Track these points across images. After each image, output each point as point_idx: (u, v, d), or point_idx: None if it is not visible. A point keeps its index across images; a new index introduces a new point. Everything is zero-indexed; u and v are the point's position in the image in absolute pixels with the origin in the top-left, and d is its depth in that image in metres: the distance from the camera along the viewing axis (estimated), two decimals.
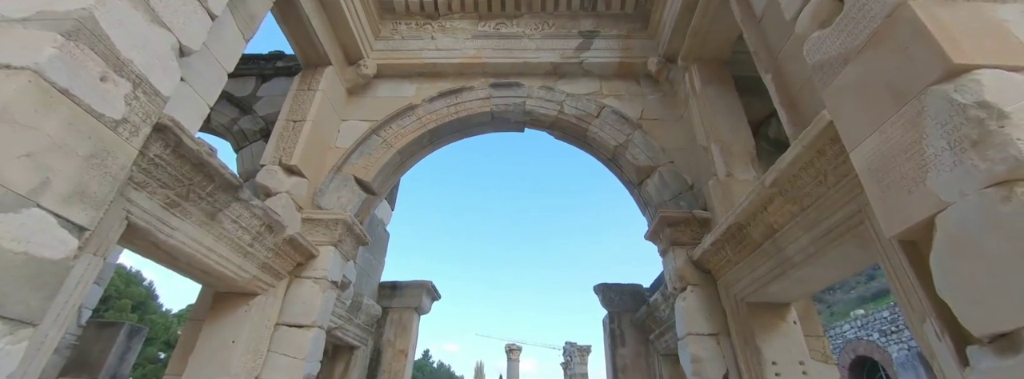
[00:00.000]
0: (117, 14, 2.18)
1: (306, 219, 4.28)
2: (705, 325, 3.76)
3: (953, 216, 1.60)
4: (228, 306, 3.66)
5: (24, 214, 1.77)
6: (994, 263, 1.46)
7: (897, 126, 1.83)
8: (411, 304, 6.56)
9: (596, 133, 5.01)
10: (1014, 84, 1.57)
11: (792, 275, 3.03)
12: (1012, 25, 1.76)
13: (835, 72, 2.19)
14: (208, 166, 2.80)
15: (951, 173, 1.60)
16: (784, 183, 2.73)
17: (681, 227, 4.20)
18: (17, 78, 1.78)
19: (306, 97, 4.75)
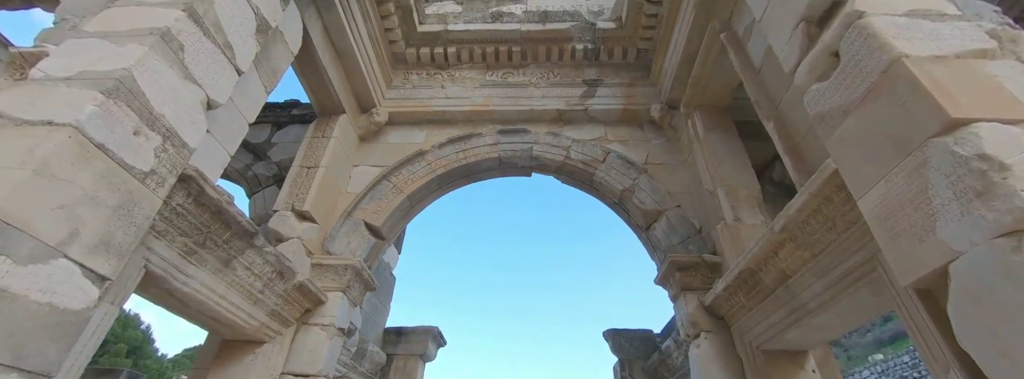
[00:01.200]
0: (154, 73, 2.32)
1: (316, 264, 4.29)
2: (721, 374, 3.65)
3: (966, 265, 1.62)
4: (235, 355, 3.60)
5: (52, 265, 1.81)
6: (1014, 313, 1.47)
7: (901, 176, 1.89)
8: (416, 351, 6.40)
9: (602, 178, 5.09)
10: (1012, 136, 1.64)
11: (808, 322, 2.98)
12: (1004, 80, 1.85)
13: (837, 123, 2.28)
14: (226, 214, 2.86)
15: (960, 223, 1.63)
16: (793, 229, 2.76)
17: (691, 272, 4.17)
18: (58, 134, 1.88)
19: (320, 144, 4.90)
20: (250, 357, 3.60)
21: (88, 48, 2.30)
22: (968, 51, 1.96)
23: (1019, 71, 1.91)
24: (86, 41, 2.36)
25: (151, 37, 2.35)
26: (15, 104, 2.03)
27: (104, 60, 2.22)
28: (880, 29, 2.06)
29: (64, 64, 2.21)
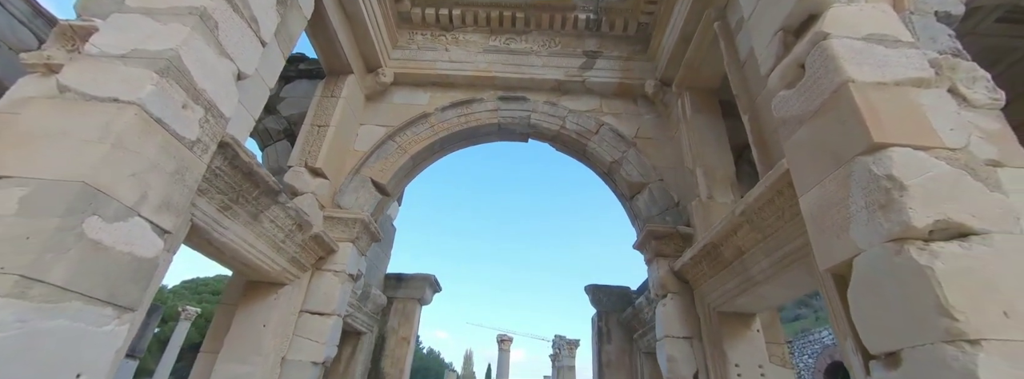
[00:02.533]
0: (196, 51, 2.59)
1: (328, 217, 4.72)
2: (681, 329, 4.25)
3: (864, 261, 2.06)
4: (259, 294, 4.12)
5: (130, 222, 2.21)
6: (887, 300, 1.93)
7: (833, 183, 2.28)
8: (414, 295, 7.04)
9: (594, 149, 5.45)
10: (918, 161, 2.02)
11: (755, 291, 3.50)
12: (927, 109, 2.20)
13: (794, 129, 2.63)
14: (256, 175, 3.23)
15: (865, 227, 2.05)
16: (751, 214, 3.19)
17: (665, 240, 4.66)
18: (126, 111, 2.20)
19: (329, 104, 5.16)
20: (273, 296, 4.12)
21: (134, 25, 2.55)
22: (907, 79, 2.28)
23: (944, 101, 2.25)
24: (131, 17, 2.59)
25: (191, 18, 2.59)
26: (80, 79, 2.32)
27: (152, 39, 2.48)
28: (838, 52, 2.36)
29: (115, 41, 2.47)
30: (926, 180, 1.96)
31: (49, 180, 1.97)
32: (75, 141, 2.08)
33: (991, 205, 1.92)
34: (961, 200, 1.92)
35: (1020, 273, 1.74)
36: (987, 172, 2.08)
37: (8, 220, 1.87)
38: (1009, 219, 1.90)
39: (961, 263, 1.76)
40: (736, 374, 3.75)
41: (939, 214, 1.87)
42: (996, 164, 2.18)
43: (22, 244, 1.82)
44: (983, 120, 2.35)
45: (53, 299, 1.87)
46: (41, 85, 2.50)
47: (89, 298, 2.02)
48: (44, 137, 2.09)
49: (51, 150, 2.05)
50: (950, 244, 1.82)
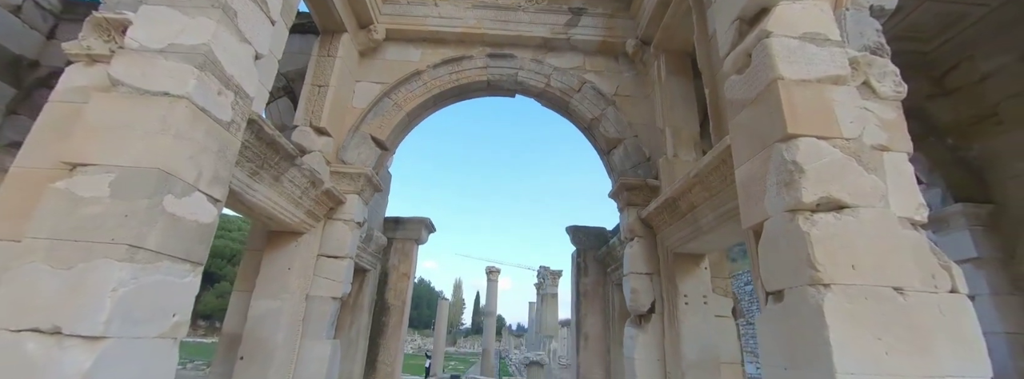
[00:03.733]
0: (224, 43, 2.94)
1: (334, 172, 5.23)
2: (644, 267, 5.04)
3: (770, 224, 2.71)
4: (282, 242, 4.75)
5: (193, 196, 2.73)
6: (780, 254, 2.59)
7: (758, 161, 2.86)
8: (411, 236, 7.78)
9: (576, 106, 5.88)
10: (818, 149, 2.58)
11: (703, 238, 4.22)
12: (836, 104, 2.72)
13: (738, 111, 3.15)
14: (277, 144, 3.69)
15: (774, 199, 2.67)
16: (702, 176, 3.80)
17: (636, 191, 5.31)
18: (179, 105, 2.63)
19: (327, 63, 5.43)
20: (293, 244, 4.76)
21: (164, 18, 2.86)
22: (826, 76, 2.77)
23: (851, 96, 2.77)
24: (158, 9, 2.89)
25: (215, 11, 2.89)
26: (130, 73, 2.70)
27: (184, 33, 2.81)
28: (775, 50, 2.82)
29: (151, 35, 2.80)
30: (820, 165, 2.54)
31: (129, 167, 2.45)
32: (142, 132, 2.53)
33: (865, 185, 2.53)
34: (843, 181, 2.52)
35: (871, 237, 2.40)
36: (871, 156, 2.67)
37: (106, 201, 2.38)
38: (876, 196, 2.52)
39: (830, 230, 2.40)
40: (684, 302, 4.60)
41: (824, 192, 2.48)
42: (884, 148, 2.76)
43: (123, 220, 2.35)
44: (884, 110, 2.88)
45: (151, 261, 2.44)
46: (89, 75, 2.88)
47: (174, 258, 2.60)
48: (115, 129, 2.53)
49: (124, 141, 2.51)
50: (827, 215, 2.45)
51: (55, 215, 2.35)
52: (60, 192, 2.40)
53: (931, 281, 2.43)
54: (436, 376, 17.54)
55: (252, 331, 4.45)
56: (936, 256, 2.53)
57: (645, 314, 4.87)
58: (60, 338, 2.14)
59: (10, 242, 2.38)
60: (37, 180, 2.58)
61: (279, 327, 4.48)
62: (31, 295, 2.20)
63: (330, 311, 4.90)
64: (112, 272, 2.25)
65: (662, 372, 4.58)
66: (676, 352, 4.45)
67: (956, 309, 2.39)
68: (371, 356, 7.30)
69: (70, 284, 2.22)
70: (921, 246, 2.52)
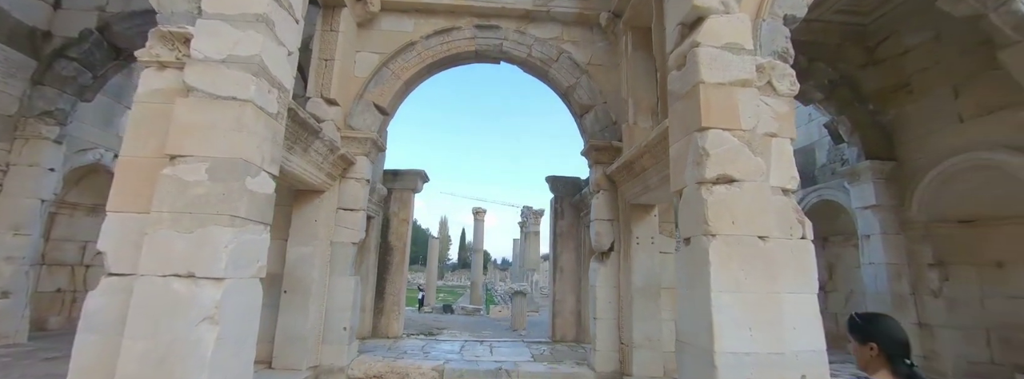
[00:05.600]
0: (269, 50, 3.67)
1: (345, 137, 6.05)
2: (606, 214, 6.17)
3: (686, 190, 3.75)
4: (307, 199, 5.70)
5: (261, 175, 3.63)
6: (689, 213, 3.66)
7: (683, 143, 3.84)
8: (408, 186, 8.76)
9: (554, 74, 6.65)
10: (722, 138, 3.56)
11: (650, 193, 5.30)
12: (740, 102, 3.66)
13: (675, 101, 4.07)
14: (307, 124, 4.52)
15: (690, 173, 3.69)
16: (650, 147, 4.79)
17: (603, 152, 6.30)
18: (246, 107, 3.43)
19: (331, 38, 6.02)
20: (317, 199, 5.71)
21: (219, 31, 3.54)
22: (737, 80, 3.68)
23: (753, 96, 3.70)
24: (213, 23, 3.57)
25: (260, 24, 3.59)
26: (202, 81, 3.45)
27: (239, 45, 3.53)
28: (701, 58, 3.69)
29: (212, 47, 3.51)
30: (722, 150, 3.54)
31: (220, 158, 3.32)
32: (223, 130, 3.36)
33: (751, 165, 3.55)
34: (736, 162, 3.53)
35: (748, 202, 3.46)
36: (762, 142, 3.66)
37: (206, 184, 3.28)
38: (758, 173, 3.55)
39: (721, 197, 3.45)
40: (636, 242, 5.80)
41: (722, 171, 3.50)
42: (773, 135, 3.75)
43: (222, 197, 3.27)
44: (779, 105, 3.84)
45: (243, 225, 3.40)
46: (163, 78, 3.63)
47: (255, 222, 3.56)
48: (202, 128, 3.36)
49: (211, 137, 3.34)
50: (721, 187, 3.49)
51: (171, 195, 3.25)
52: (170, 178, 3.28)
53: (788, 231, 3.56)
54: (430, 306, 19.40)
55: (292, 271, 5.54)
56: (795, 213, 3.64)
57: (606, 251, 6.08)
58: (195, 280, 3.15)
59: (139, 214, 3.30)
60: (142, 167, 3.43)
61: (313, 267, 5.58)
62: (167, 252, 3.17)
63: (351, 253, 6.00)
64: (222, 234, 3.22)
65: (617, 296, 5.90)
66: (628, 281, 5.72)
67: (801, 250, 3.54)
68: (379, 288, 8.59)
69: (194, 243, 3.19)
70: (785, 207, 3.62)
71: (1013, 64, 5.06)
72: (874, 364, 1.61)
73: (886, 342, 1.60)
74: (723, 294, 3.27)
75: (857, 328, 1.68)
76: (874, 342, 1.61)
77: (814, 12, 7.05)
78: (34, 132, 6.17)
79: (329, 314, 5.76)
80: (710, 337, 3.21)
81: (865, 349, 1.63)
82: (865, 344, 1.63)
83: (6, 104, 6.10)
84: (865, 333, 1.64)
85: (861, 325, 1.67)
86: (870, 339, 1.62)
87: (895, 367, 1.57)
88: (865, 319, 1.69)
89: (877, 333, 1.62)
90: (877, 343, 1.60)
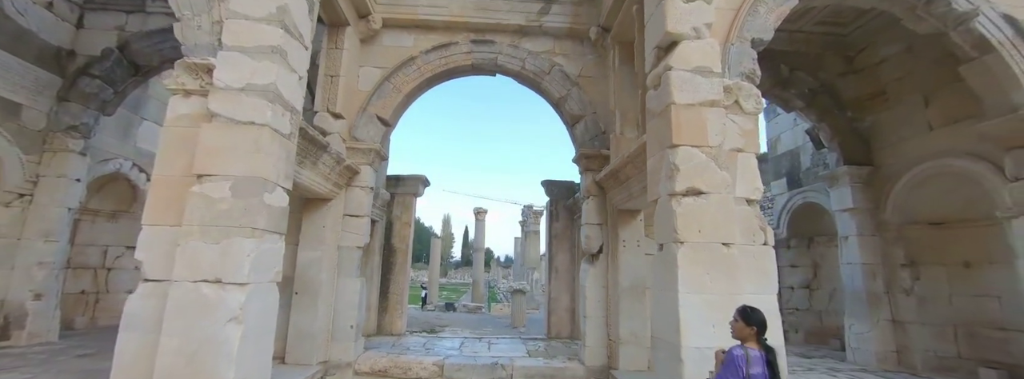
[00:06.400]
0: (282, 78, 4.08)
1: (350, 148, 6.47)
2: (595, 218, 6.57)
3: (659, 201, 4.15)
4: (315, 206, 6.12)
5: (276, 191, 4.04)
6: (662, 221, 4.05)
7: (657, 157, 4.23)
8: (410, 191, 9.18)
9: (547, 86, 7.04)
10: (691, 154, 3.95)
11: (635, 199, 5.70)
12: (708, 121, 4.04)
13: (652, 118, 4.46)
14: (317, 141, 4.94)
15: (663, 185, 4.08)
16: (632, 159, 5.17)
17: (592, 159, 6.69)
18: (264, 130, 3.85)
19: (336, 55, 6.43)
20: (325, 207, 6.13)
21: (238, 63, 3.95)
22: (705, 101, 4.06)
23: (720, 115, 4.08)
24: (232, 55, 3.98)
25: (275, 55, 4.00)
26: (224, 108, 3.87)
27: (256, 75, 3.94)
28: (674, 81, 4.08)
29: (232, 76, 3.92)
30: (691, 166, 3.93)
31: (241, 176, 3.74)
32: (244, 152, 3.77)
33: (717, 179, 3.94)
34: (704, 176, 3.92)
35: (714, 213, 3.85)
36: (728, 157, 4.05)
37: (230, 200, 3.70)
38: (723, 186, 3.94)
39: (689, 208, 3.85)
40: (623, 245, 6.20)
41: (690, 184, 3.89)
42: (739, 150, 4.13)
43: (244, 212, 3.69)
44: (745, 122, 4.22)
45: (263, 236, 3.82)
46: (188, 104, 4.04)
47: (272, 232, 3.98)
48: (225, 150, 3.77)
49: (233, 158, 3.75)
50: (689, 198, 3.88)
51: (199, 210, 3.67)
52: (198, 195, 3.70)
53: (751, 238, 3.95)
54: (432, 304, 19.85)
55: (302, 274, 5.97)
56: (758, 221, 4.03)
57: (596, 254, 6.49)
58: (222, 284, 3.57)
59: (172, 226, 3.73)
60: (173, 184, 3.86)
61: (322, 270, 6.00)
62: (197, 260, 3.60)
63: (356, 257, 6.42)
64: (245, 244, 3.64)
65: (605, 295, 6.30)
66: (615, 281, 6.12)
67: (762, 255, 3.93)
68: (384, 288, 9.03)
69: (221, 253, 3.61)
70: (749, 216, 4.00)
71: (972, 78, 5.42)
72: (750, 338, 2.64)
73: (759, 325, 2.65)
74: (689, 295, 3.67)
75: (746, 316, 2.69)
76: (754, 325, 2.64)
77: (796, 23, 7.46)
78: (61, 145, 6.61)
79: (337, 313, 6.19)
80: (677, 333, 3.61)
81: (748, 328, 2.65)
82: (749, 325, 2.65)
83: (35, 120, 6.54)
84: (749, 319, 2.67)
85: (749, 314, 2.69)
86: (752, 323, 2.65)
87: (759, 340, 2.63)
88: (751, 310, 2.71)
89: (756, 320, 2.66)
90: (755, 326, 2.64)
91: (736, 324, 2.72)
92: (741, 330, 2.68)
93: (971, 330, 6.28)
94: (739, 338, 2.71)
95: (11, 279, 6.19)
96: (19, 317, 6.14)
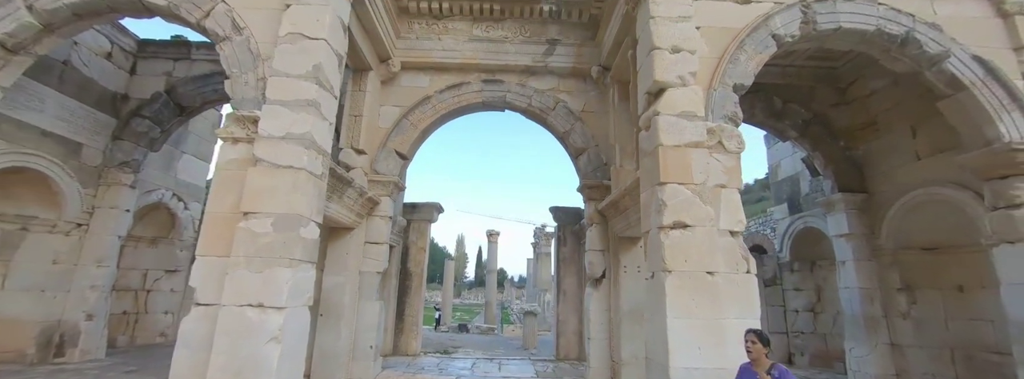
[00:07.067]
0: (317, 127, 4.68)
1: (371, 181, 7.06)
2: (598, 244, 7.00)
3: (650, 233, 4.59)
4: (339, 235, 6.68)
5: (310, 225, 4.59)
6: (652, 251, 4.48)
7: (648, 192, 4.69)
8: (425, 218, 9.72)
9: (552, 121, 7.59)
10: (677, 191, 4.39)
11: (634, 227, 6.12)
12: (693, 161, 4.50)
13: (644, 156, 4.94)
14: (343, 178, 5.52)
15: (653, 218, 4.52)
16: (630, 191, 5.64)
17: (595, 189, 7.16)
18: (301, 173, 4.43)
19: (359, 97, 7.09)
20: (348, 235, 6.68)
21: (280, 114, 4.57)
22: (690, 142, 4.54)
23: (704, 155, 4.54)
24: (275, 108, 4.60)
25: (310, 107, 4.61)
26: (267, 154, 4.47)
27: (295, 125, 4.55)
28: (661, 125, 4.57)
29: (274, 127, 4.54)
30: (677, 201, 4.37)
31: (280, 213, 4.30)
32: (284, 192, 4.35)
33: (702, 213, 4.37)
34: (689, 211, 4.36)
35: (699, 244, 4.27)
36: (712, 193, 4.49)
37: (272, 234, 4.25)
38: (708, 220, 4.37)
39: (676, 240, 4.28)
40: (624, 270, 6.60)
41: (677, 218, 4.33)
42: (723, 186, 4.57)
43: (284, 244, 4.23)
44: (728, 160, 4.66)
45: (298, 265, 4.35)
46: (236, 150, 4.65)
47: (306, 262, 4.51)
48: (268, 190, 4.35)
49: (274, 197, 4.33)
50: (676, 231, 4.32)
51: (245, 243, 4.23)
52: (245, 230, 4.26)
53: (734, 267, 4.34)
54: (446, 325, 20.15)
55: (327, 297, 6.49)
56: (741, 250, 4.43)
57: (599, 278, 6.89)
58: (264, 309, 4.09)
59: (222, 257, 4.29)
60: (222, 220, 4.43)
61: (345, 293, 6.51)
62: (243, 287, 4.13)
63: (376, 281, 6.93)
64: (284, 273, 4.17)
65: (608, 319, 6.67)
66: (617, 305, 6.50)
67: (745, 282, 4.32)
68: (400, 310, 9.49)
69: (263, 280, 4.14)
70: (732, 247, 4.41)
71: (949, 114, 5.80)
72: (762, 357, 3.11)
73: (770, 346, 3.16)
74: (677, 319, 4.07)
75: (763, 337, 3.18)
76: (768, 347, 3.15)
77: (787, 59, 7.94)
78: (115, 180, 7.34)
79: (358, 334, 6.67)
80: (666, 354, 4.00)
81: (765, 349, 3.13)
82: (766, 345, 3.14)
83: (93, 157, 7.30)
84: (767, 340, 3.19)
85: (765, 335, 3.20)
86: (767, 343, 3.16)
87: (768, 358, 3.14)
88: (762, 331, 3.24)
89: (767, 340, 3.18)
90: (769, 347, 3.16)
91: (755, 346, 3.13)
92: (759, 351, 3.10)
93: (968, 353, 6.46)
94: (755, 359, 3.13)
95: (67, 301, 6.84)
96: (73, 336, 6.75)
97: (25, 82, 6.14)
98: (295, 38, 4.79)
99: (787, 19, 5.21)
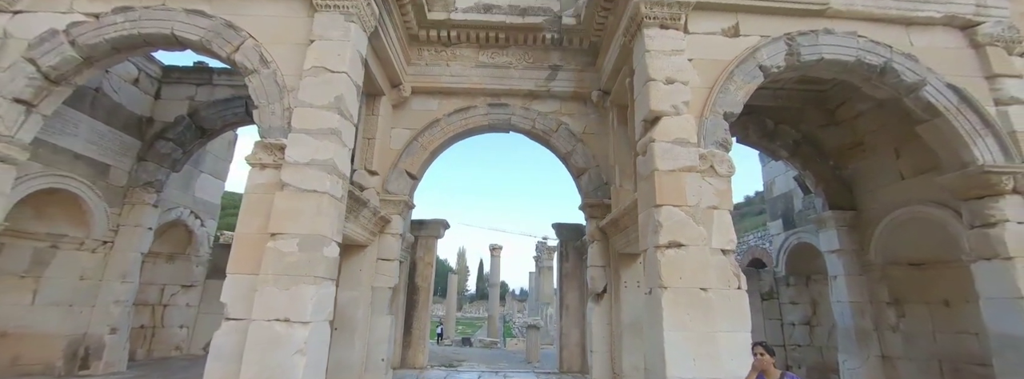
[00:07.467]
0: (338, 154, 5.07)
1: (383, 200, 7.42)
2: (599, 260, 7.33)
3: (647, 251, 4.93)
4: (354, 252, 7.02)
5: (331, 245, 4.95)
6: (650, 269, 4.82)
7: (645, 215, 5.05)
8: (433, 234, 10.06)
9: (555, 142, 7.98)
10: (672, 213, 4.75)
11: (632, 245, 6.47)
12: (687, 184, 4.86)
13: (641, 180, 5.31)
14: (360, 199, 5.89)
15: (650, 238, 4.87)
16: (628, 211, 6.00)
17: (596, 208, 7.52)
18: (324, 197, 4.80)
19: (372, 120, 7.50)
20: (362, 252, 7.03)
21: (305, 142, 4.96)
22: (684, 167, 4.91)
23: (697, 179, 4.90)
24: (300, 136, 4.99)
25: (333, 135, 5.01)
26: (293, 179, 4.84)
27: (318, 152, 4.93)
28: (657, 151, 4.95)
29: (299, 154, 4.92)
30: (672, 222, 4.73)
31: (305, 234, 4.66)
32: (309, 215, 4.71)
33: (695, 233, 4.72)
34: (683, 231, 4.71)
35: (692, 262, 4.61)
36: (705, 214, 4.84)
37: (297, 254, 4.60)
38: (701, 239, 4.71)
39: (671, 258, 4.62)
40: (624, 285, 6.92)
41: (672, 238, 4.68)
42: (715, 208, 4.93)
43: (308, 263, 4.58)
44: (719, 183, 5.03)
45: (321, 282, 4.69)
46: (264, 175, 5.02)
47: (327, 279, 4.85)
48: (293, 212, 4.71)
49: (300, 219, 4.69)
50: (671, 250, 4.66)
51: (273, 262, 4.58)
52: (273, 250, 4.62)
53: (726, 283, 4.68)
54: (449, 338, 20.31)
55: (342, 311, 6.80)
56: (733, 268, 4.77)
57: (600, 293, 7.20)
58: (290, 323, 4.42)
59: (251, 275, 4.63)
60: (251, 240, 4.79)
61: (358, 308, 6.83)
62: (272, 302, 4.47)
63: (388, 296, 7.25)
64: (308, 290, 4.51)
65: (609, 332, 6.97)
66: (618, 319, 6.81)
67: (736, 298, 4.65)
68: (407, 324, 9.77)
69: (289, 297, 4.48)
70: (724, 264, 4.75)
71: (927, 137, 6.18)
72: (771, 368, 3.60)
73: (775, 357, 3.71)
74: (672, 332, 4.39)
75: (769, 348, 3.71)
76: (775, 357, 3.67)
77: (778, 82, 8.35)
78: (139, 199, 7.72)
79: (370, 347, 6.96)
80: (663, 365, 4.31)
81: (772, 359, 3.61)
82: (773, 356, 3.65)
83: (119, 177, 7.69)
84: (772, 353, 3.71)
85: (772, 349, 3.71)
86: (774, 356, 3.69)
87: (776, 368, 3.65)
88: (770, 345, 3.77)
89: (774, 353, 3.69)
90: (775, 357, 3.69)
91: (764, 357, 3.56)
92: (768, 361, 3.55)
93: (956, 365, 6.73)
94: (764, 369, 3.55)
95: (93, 315, 7.16)
96: (98, 349, 7.05)
97: (62, 109, 6.55)
98: (318, 71, 5.20)
99: (773, 51, 5.63)
